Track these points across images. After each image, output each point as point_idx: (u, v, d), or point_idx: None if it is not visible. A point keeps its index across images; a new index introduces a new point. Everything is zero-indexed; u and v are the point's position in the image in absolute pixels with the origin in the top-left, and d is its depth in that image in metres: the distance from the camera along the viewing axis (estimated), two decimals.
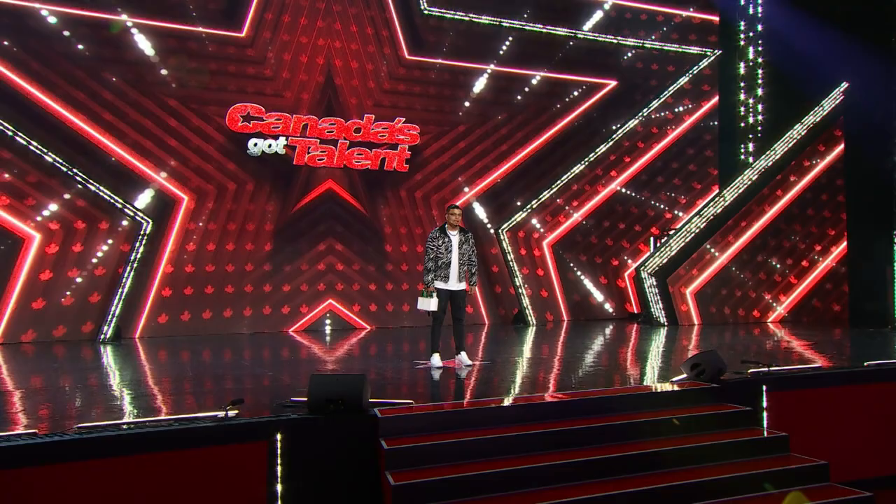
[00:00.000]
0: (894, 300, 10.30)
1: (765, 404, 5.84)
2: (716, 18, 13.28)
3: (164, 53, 10.07)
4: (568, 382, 6.24)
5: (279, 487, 4.44)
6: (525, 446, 4.69)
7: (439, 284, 6.77)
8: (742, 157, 13.06)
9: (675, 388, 5.75)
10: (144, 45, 9.97)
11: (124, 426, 4.46)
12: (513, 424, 4.90)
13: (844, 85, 11.73)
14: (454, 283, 6.82)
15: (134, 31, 9.89)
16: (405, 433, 4.66)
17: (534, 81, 12.30)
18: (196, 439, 4.37)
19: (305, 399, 4.78)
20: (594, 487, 4.42)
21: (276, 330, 10.54)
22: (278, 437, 4.46)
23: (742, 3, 13.04)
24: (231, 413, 4.58)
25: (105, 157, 9.71)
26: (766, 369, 6.11)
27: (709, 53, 13.16)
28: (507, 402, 5.30)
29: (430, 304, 6.73)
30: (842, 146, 12.01)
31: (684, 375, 6.06)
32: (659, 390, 5.76)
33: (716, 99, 13.28)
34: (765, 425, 5.73)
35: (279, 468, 4.45)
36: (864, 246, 11.16)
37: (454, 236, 6.86)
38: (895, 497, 5.39)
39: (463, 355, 6.98)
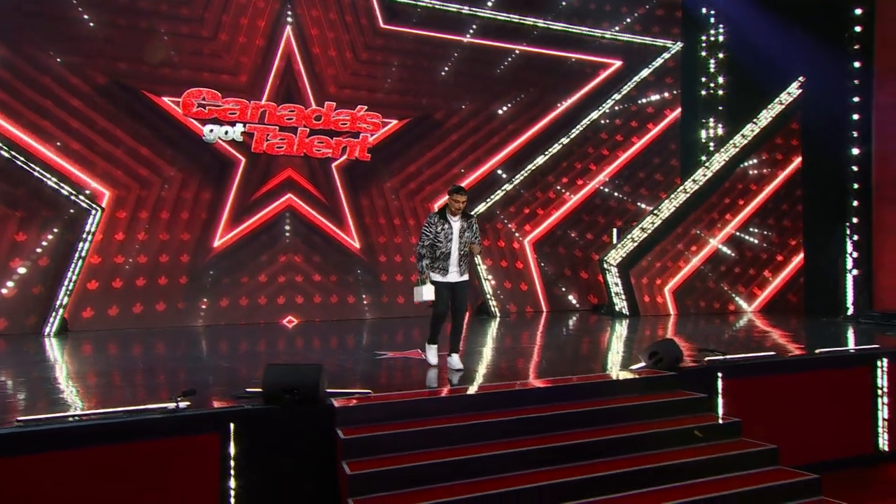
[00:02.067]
0: (846, 290, 10.73)
1: (720, 391, 6.06)
2: (679, 0, 13.51)
3: (107, 29, 9.77)
4: (528, 371, 6.33)
5: (233, 478, 4.41)
6: (484, 434, 4.75)
7: (436, 277, 6.00)
8: (702, 149, 13.37)
9: (634, 376, 5.90)
10: (90, 21, 9.66)
11: (70, 418, 4.36)
12: (472, 413, 4.97)
13: (801, 79, 12.10)
14: (454, 276, 6.02)
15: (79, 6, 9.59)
16: (362, 423, 4.68)
17: (499, 71, 12.34)
18: (146, 431, 4.31)
19: (261, 390, 4.76)
20: (553, 474, 4.51)
21: (234, 322, 10.38)
22: (231, 427, 4.43)
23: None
24: (182, 404, 4.53)
25: (47, 144, 9.42)
26: (722, 357, 6.33)
27: (671, 46, 13.41)
28: (467, 390, 5.36)
29: (423, 293, 5.92)
30: (798, 140, 12.42)
31: (643, 364, 6.22)
32: (617, 378, 5.91)
33: (679, 92, 13.55)
34: (720, 412, 5.94)
35: (232, 459, 4.42)
36: (819, 238, 11.58)
37: (455, 222, 6.04)
38: (840, 479, 5.65)
39: (455, 358, 6.20)
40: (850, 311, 10.64)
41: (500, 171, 12.38)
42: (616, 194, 13.25)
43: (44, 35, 9.46)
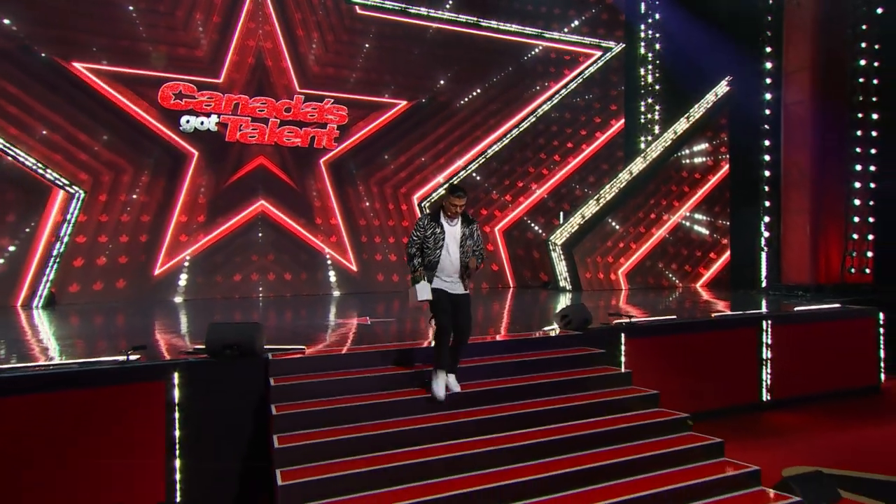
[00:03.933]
0: (761, 266, 11.18)
1: (623, 349, 6.43)
2: (622, 5, 13.86)
3: (90, 20, 9.92)
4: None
5: (177, 420, 4.71)
6: (399, 384, 5.08)
7: (433, 284, 4.77)
8: (643, 140, 13.72)
9: (547, 335, 6.26)
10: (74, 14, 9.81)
11: (33, 368, 4.63)
12: (390, 366, 5.29)
13: (729, 78, 12.45)
14: (453, 286, 4.81)
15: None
16: (292, 373, 4.99)
17: (460, 62, 12.59)
18: (99, 379, 4.60)
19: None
20: (463, 414, 4.83)
21: (210, 296, 10.64)
22: (175, 376, 4.73)
23: (643, 7, 13.67)
24: (133, 357, 4.82)
25: (30, 137, 9.61)
26: (626, 321, 6.70)
27: (614, 47, 13.71)
28: (388, 347, 5.65)
29: (418, 292, 4.67)
30: (727, 133, 12.79)
31: (555, 325, 6.58)
32: (532, 337, 6.26)
33: (622, 88, 13.87)
34: (623, 366, 6.32)
35: (177, 404, 4.72)
36: (741, 220, 12.00)
37: (451, 227, 4.77)
38: (729, 422, 6.28)
39: (452, 378, 4.95)
40: (763, 285, 11.10)
41: (459, 162, 12.67)
42: (565, 180, 13.58)
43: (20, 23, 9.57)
